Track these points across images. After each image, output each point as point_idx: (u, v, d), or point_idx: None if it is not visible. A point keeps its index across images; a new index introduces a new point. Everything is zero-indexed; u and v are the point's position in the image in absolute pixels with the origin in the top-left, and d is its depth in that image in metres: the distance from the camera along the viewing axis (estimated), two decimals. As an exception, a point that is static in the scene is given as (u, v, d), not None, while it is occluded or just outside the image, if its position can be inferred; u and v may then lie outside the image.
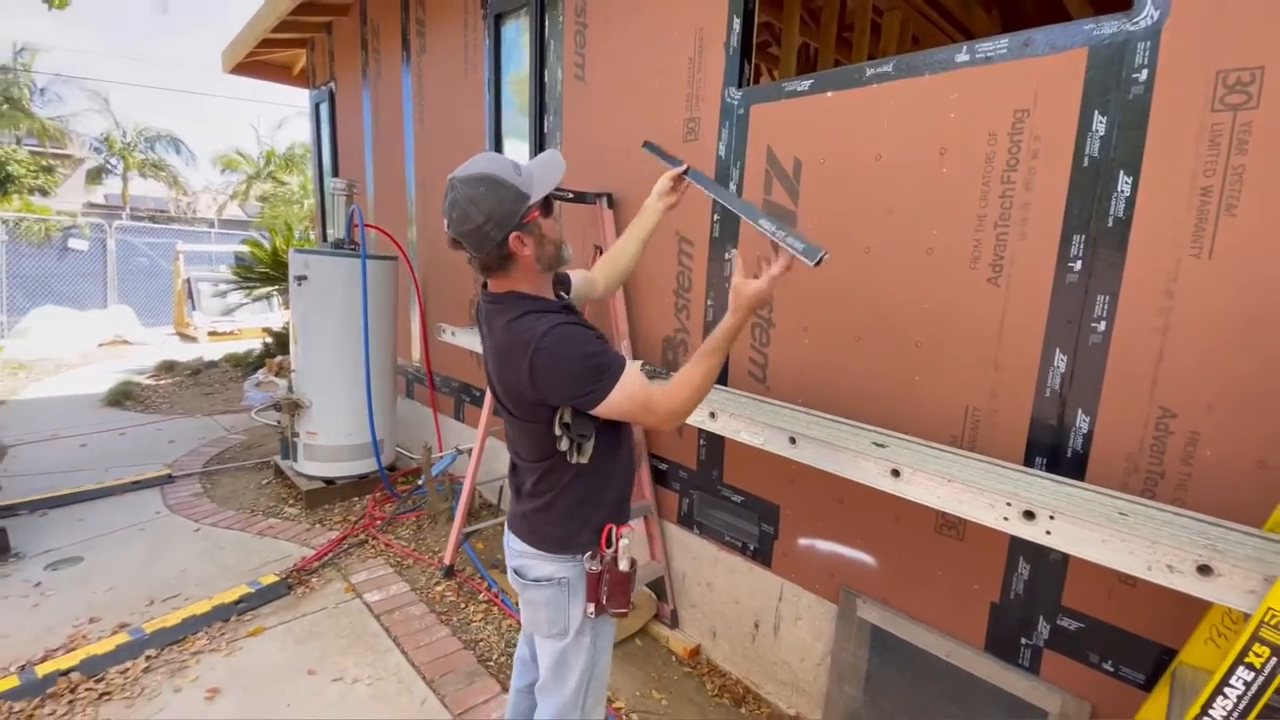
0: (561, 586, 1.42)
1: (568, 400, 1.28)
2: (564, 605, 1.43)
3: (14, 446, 4.82)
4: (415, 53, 4.28)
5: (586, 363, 1.24)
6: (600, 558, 1.40)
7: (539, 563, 1.44)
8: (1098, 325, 1.61)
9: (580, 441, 1.34)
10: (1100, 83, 1.56)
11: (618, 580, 1.40)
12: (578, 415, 1.31)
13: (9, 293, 8.96)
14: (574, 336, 1.27)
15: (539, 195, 1.26)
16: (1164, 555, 1.20)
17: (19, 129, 14.98)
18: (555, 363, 1.24)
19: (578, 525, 1.41)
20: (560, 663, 1.47)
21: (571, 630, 1.44)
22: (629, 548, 1.41)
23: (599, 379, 1.24)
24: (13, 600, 2.80)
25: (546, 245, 1.32)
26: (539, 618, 1.46)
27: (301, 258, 3.87)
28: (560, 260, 1.38)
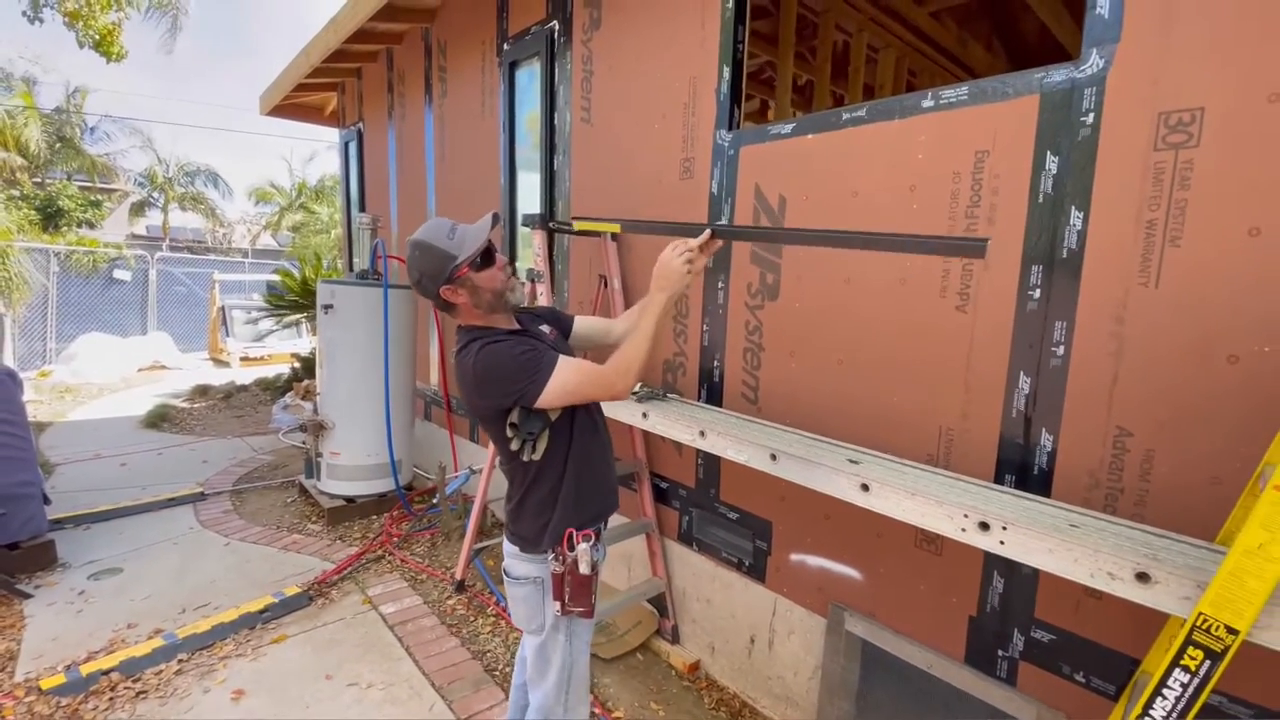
0: (537, 585, 1.58)
1: (511, 397, 1.47)
2: (539, 603, 1.59)
3: (61, 465, 5.14)
4: (437, 96, 4.57)
5: (516, 360, 1.45)
6: (561, 559, 1.54)
7: (518, 562, 1.61)
8: (1057, 349, 1.71)
9: (530, 439, 1.52)
10: (1052, 126, 1.69)
11: (578, 582, 1.54)
12: (526, 414, 1.49)
13: (58, 321, 9.48)
14: (503, 347, 1.48)
15: (465, 255, 1.49)
16: (1105, 563, 1.30)
17: (71, 166, 15.91)
18: (490, 369, 1.46)
19: (541, 525, 1.58)
20: (541, 656, 1.62)
21: (547, 626, 1.59)
22: (589, 552, 1.54)
23: (534, 373, 1.44)
24: (59, 606, 3.01)
25: (482, 294, 1.55)
26: (519, 612, 1.63)
27: (329, 288, 4.12)
28: (504, 304, 1.59)
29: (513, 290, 1.62)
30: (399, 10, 4.15)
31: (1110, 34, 1.58)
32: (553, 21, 3.37)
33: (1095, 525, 1.46)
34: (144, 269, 10.90)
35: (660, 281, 1.55)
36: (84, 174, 16.92)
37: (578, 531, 1.56)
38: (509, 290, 1.61)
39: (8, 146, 12.43)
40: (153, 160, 19.27)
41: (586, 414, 1.68)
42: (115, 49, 4.92)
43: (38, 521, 3.33)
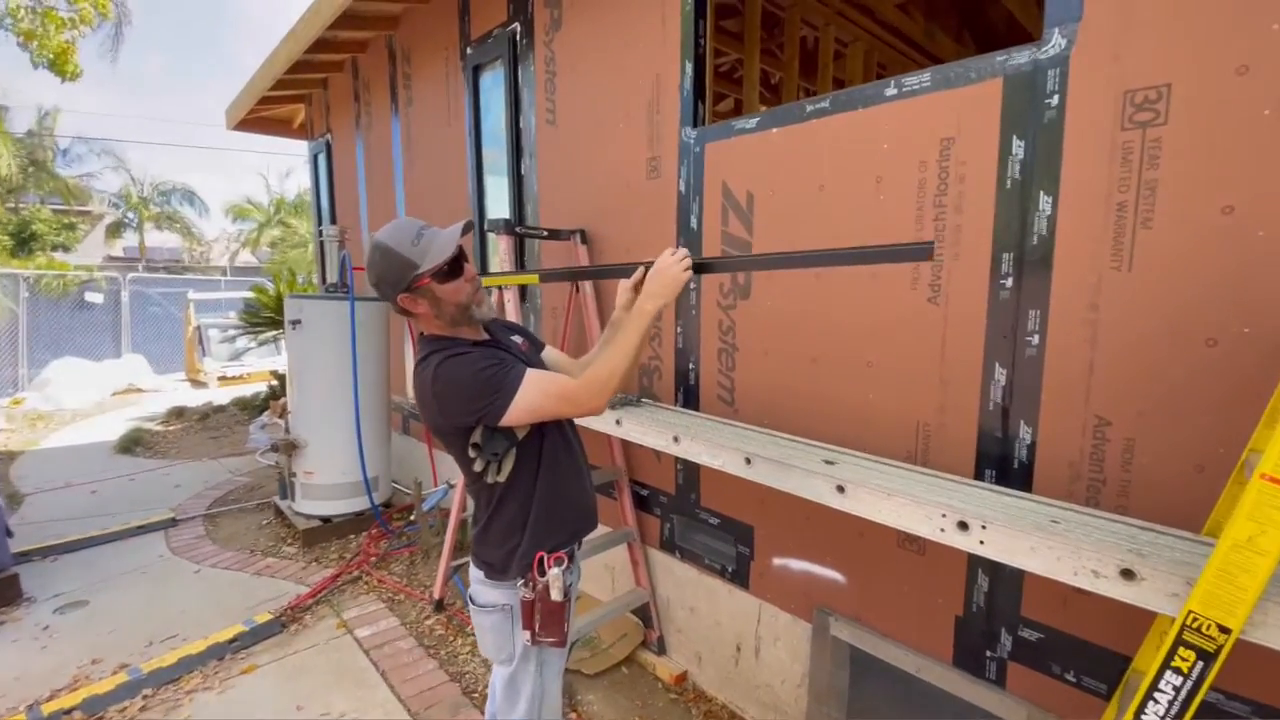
0: (505, 613, 1.48)
1: (473, 416, 1.36)
2: (508, 631, 1.48)
3: (31, 495, 4.98)
4: (403, 104, 4.48)
5: (479, 377, 1.34)
6: (532, 585, 1.44)
7: (484, 589, 1.51)
8: (1031, 339, 1.66)
9: (494, 460, 1.42)
10: (1016, 109, 1.64)
11: (549, 610, 1.43)
12: (489, 433, 1.39)
13: (29, 347, 9.26)
14: (465, 361, 1.38)
15: (428, 266, 1.37)
16: (1088, 560, 1.24)
17: (44, 189, 15.62)
18: (450, 386, 1.36)
19: (509, 550, 1.47)
20: (510, 687, 1.52)
21: (517, 656, 1.49)
22: (560, 577, 1.44)
23: (497, 390, 1.33)
24: (23, 643, 2.88)
25: (445, 306, 1.43)
26: (487, 642, 1.53)
27: (296, 302, 4.02)
28: (469, 319, 1.47)
29: (480, 304, 1.51)
30: (360, 18, 4.07)
31: (1071, 13, 1.54)
32: (514, 24, 3.30)
33: (1078, 520, 1.41)
34: (116, 291, 10.68)
35: (654, 288, 1.44)
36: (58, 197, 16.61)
37: (549, 555, 1.46)
38: (475, 304, 1.49)
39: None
40: (127, 180, 19.00)
41: (558, 430, 1.58)
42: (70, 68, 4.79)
43: (0, 556, 3.20)
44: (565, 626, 1.45)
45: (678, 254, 1.46)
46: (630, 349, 1.42)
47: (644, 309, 1.43)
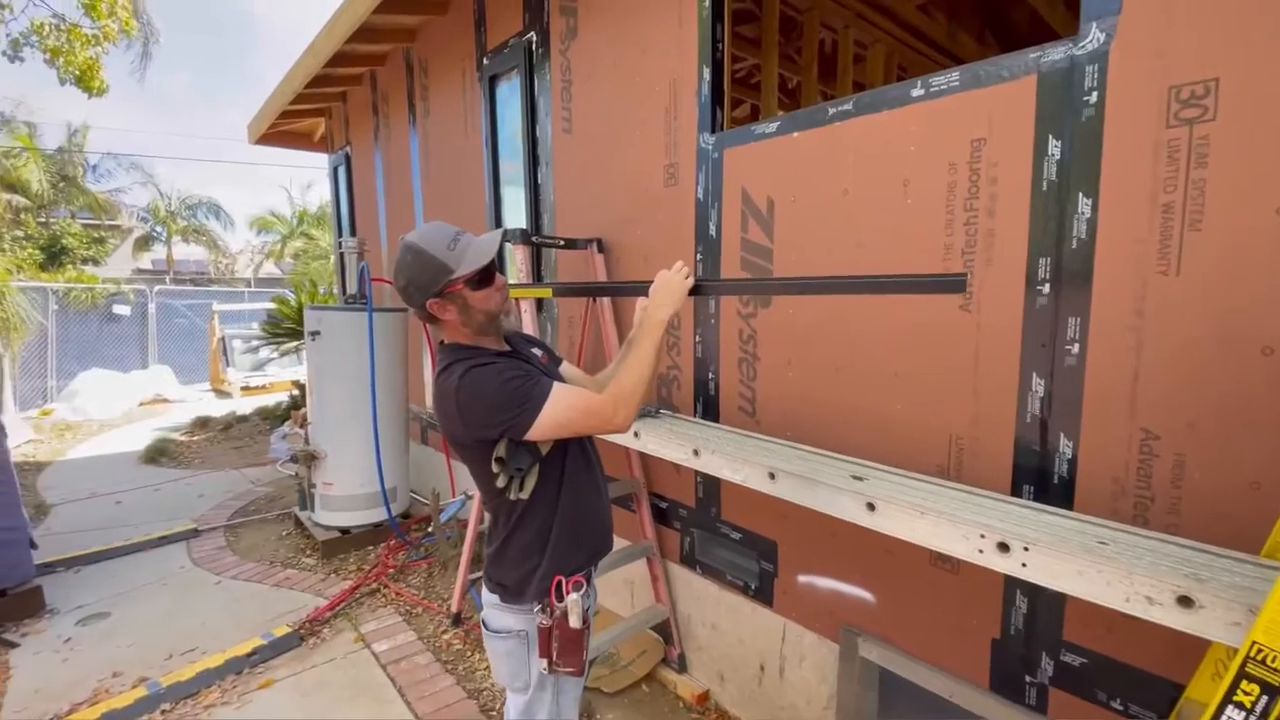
0: (521, 639, 1.42)
1: (497, 429, 1.31)
2: (524, 659, 1.42)
3: (57, 505, 5.06)
4: (420, 116, 4.50)
5: (505, 388, 1.29)
6: (550, 611, 1.39)
7: (499, 613, 1.46)
8: (1071, 348, 1.58)
9: (518, 476, 1.37)
10: (1052, 108, 1.57)
11: (569, 638, 1.37)
12: (514, 448, 1.34)
13: (59, 358, 9.48)
14: (490, 371, 1.33)
15: (463, 271, 1.33)
16: (1141, 586, 1.16)
17: (75, 204, 16.06)
18: (475, 397, 1.31)
19: (527, 572, 1.42)
20: (526, 714, 1.46)
21: (533, 685, 1.43)
22: (579, 603, 1.38)
23: (523, 403, 1.29)
24: (45, 655, 2.90)
25: (474, 314, 1.40)
26: (501, 670, 1.47)
27: (315, 314, 4.04)
28: (495, 328, 1.45)
29: (507, 314, 1.48)
30: (377, 31, 4.09)
31: (1110, 6, 1.47)
32: (530, 33, 3.29)
33: (1128, 541, 1.32)
34: (143, 303, 10.91)
35: (661, 298, 1.45)
36: (88, 212, 17.06)
37: (567, 580, 1.40)
38: (504, 313, 1.46)
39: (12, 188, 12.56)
40: (155, 195, 19.46)
41: (579, 446, 1.53)
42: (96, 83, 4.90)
43: (24, 568, 3.23)
44: (584, 654, 1.39)
45: (675, 266, 1.49)
46: (649, 360, 1.39)
47: (656, 318, 1.42)
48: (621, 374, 1.38)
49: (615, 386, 1.36)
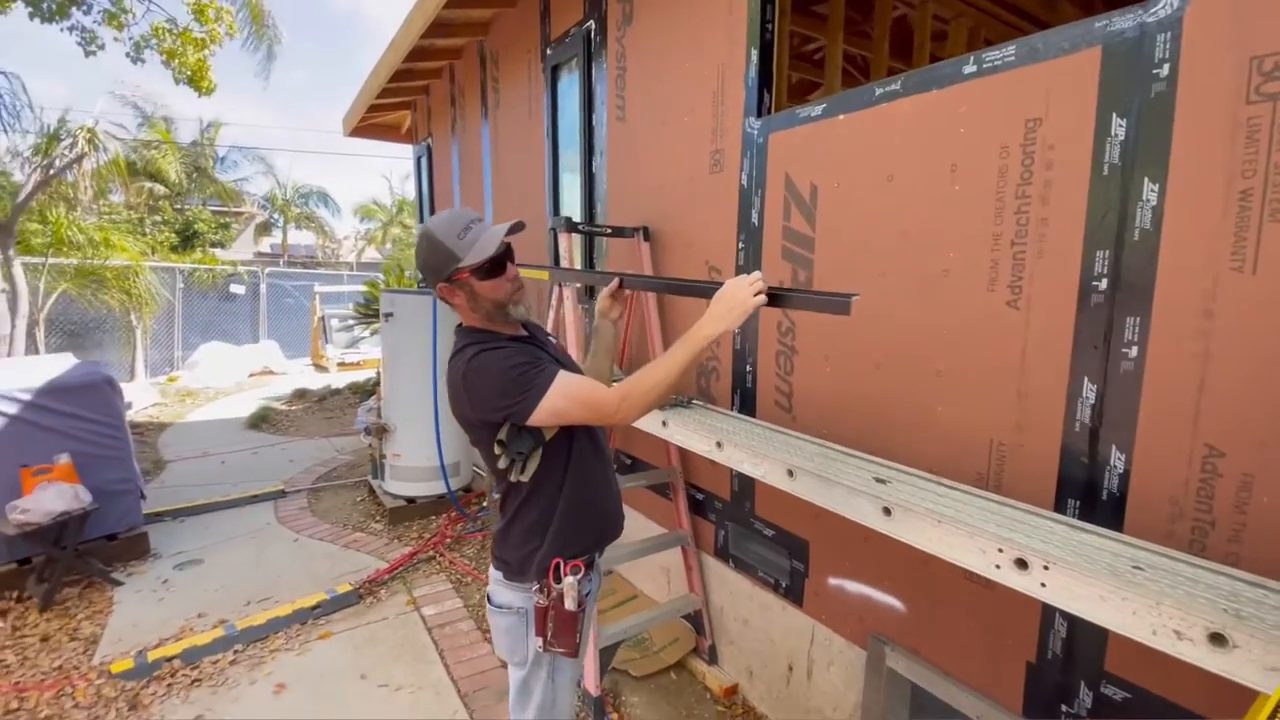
0: (520, 616, 1.46)
1: (500, 412, 1.34)
2: (523, 635, 1.46)
3: (173, 462, 5.70)
4: (491, 107, 4.65)
5: (509, 374, 1.31)
6: (547, 592, 1.41)
7: (501, 589, 1.50)
8: (1129, 350, 1.43)
9: (519, 459, 1.39)
10: (1117, 82, 1.41)
11: (563, 619, 1.39)
12: (516, 432, 1.36)
13: (184, 331, 10.62)
14: (497, 356, 1.35)
15: (469, 261, 1.36)
16: (1169, 619, 1.04)
17: (205, 193, 17.82)
18: (480, 380, 1.34)
19: (529, 552, 1.44)
20: (522, 690, 1.51)
21: (530, 661, 1.47)
22: (575, 586, 1.40)
23: (525, 389, 1.30)
24: (145, 594, 3.29)
25: (481, 301, 1.42)
26: (501, 644, 1.52)
27: (390, 296, 4.30)
28: (504, 316, 1.46)
29: (517, 304, 1.49)
30: (451, 25, 4.26)
31: (1188, -36, 1.29)
32: (589, 21, 3.31)
33: (1168, 567, 1.19)
34: (256, 283, 11.99)
35: (718, 310, 1.31)
36: (217, 199, 18.89)
37: (566, 562, 1.43)
38: (513, 304, 1.47)
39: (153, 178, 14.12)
40: (273, 184, 21.25)
41: (588, 434, 1.53)
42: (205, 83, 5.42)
43: (133, 516, 3.68)
44: (576, 637, 1.41)
45: (751, 277, 1.32)
46: (676, 371, 1.32)
47: (702, 333, 1.30)
48: (644, 373, 1.35)
49: (632, 383, 1.34)
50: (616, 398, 1.34)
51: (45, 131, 6.50)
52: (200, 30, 5.18)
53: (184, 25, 5.21)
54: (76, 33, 5.07)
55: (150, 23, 5.15)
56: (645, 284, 1.78)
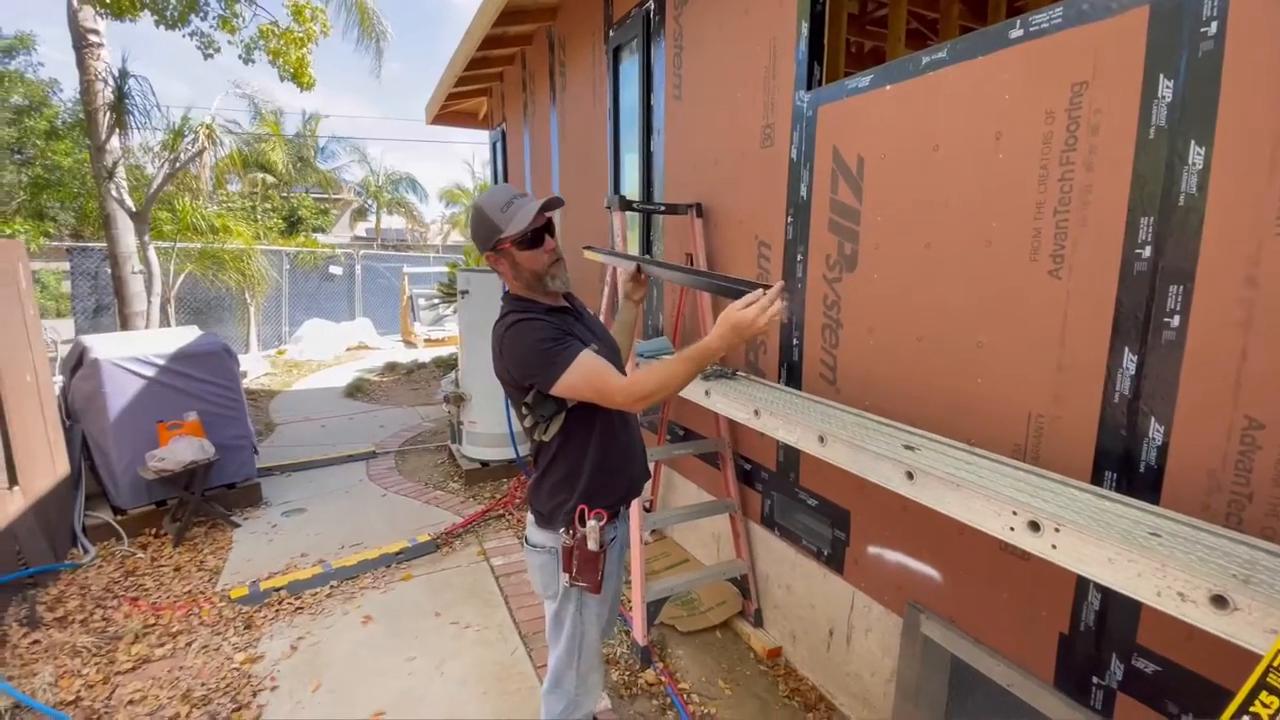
0: (551, 554, 1.63)
1: (527, 379, 1.50)
2: (554, 572, 1.63)
3: (281, 425, 6.35)
4: (559, 90, 4.81)
5: (537, 347, 1.46)
6: (573, 534, 1.57)
7: (535, 531, 1.68)
8: (1170, 320, 1.39)
9: (543, 421, 1.55)
10: (1164, 42, 1.36)
11: (585, 558, 1.55)
12: (540, 397, 1.51)
13: (290, 309, 11.66)
14: (531, 327, 1.50)
15: (509, 232, 1.51)
16: (1174, 580, 1.06)
17: (308, 181, 19.27)
18: (514, 348, 1.50)
19: (558, 504, 1.61)
20: (555, 621, 1.69)
21: (560, 595, 1.64)
22: (597, 530, 1.54)
23: (550, 363, 1.44)
24: (258, 535, 3.77)
25: (521, 270, 1.57)
26: (536, 580, 1.70)
27: (465, 275, 4.60)
28: (543, 288, 1.59)
29: (554, 277, 1.61)
30: (521, 12, 4.43)
31: (1244, -88, 1.23)
32: (649, 1, 3.38)
33: (1189, 536, 1.18)
34: (351, 265, 12.93)
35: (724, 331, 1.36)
36: (318, 187, 20.39)
37: (589, 510, 1.58)
38: (550, 276, 1.60)
39: (263, 168, 15.44)
40: (367, 172, 22.65)
41: None
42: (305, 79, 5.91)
43: (248, 468, 4.19)
44: (598, 575, 1.56)
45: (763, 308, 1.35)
46: (682, 378, 1.43)
47: (710, 349, 1.39)
48: (653, 372, 1.43)
49: (640, 378, 1.43)
50: (622, 389, 1.44)
51: (170, 128, 7.31)
52: (299, 29, 5.66)
53: (285, 26, 5.71)
54: (195, 37, 5.69)
55: (258, 25, 5.69)
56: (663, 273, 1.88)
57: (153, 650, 2.62)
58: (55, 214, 11.35)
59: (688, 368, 1.42)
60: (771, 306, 1.35)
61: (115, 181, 6.48)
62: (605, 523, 1.56)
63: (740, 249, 2.80)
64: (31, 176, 10.52)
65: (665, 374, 1.43)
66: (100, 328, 8.80)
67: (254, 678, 2.47)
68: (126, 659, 2.55)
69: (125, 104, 6.30)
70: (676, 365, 1.43)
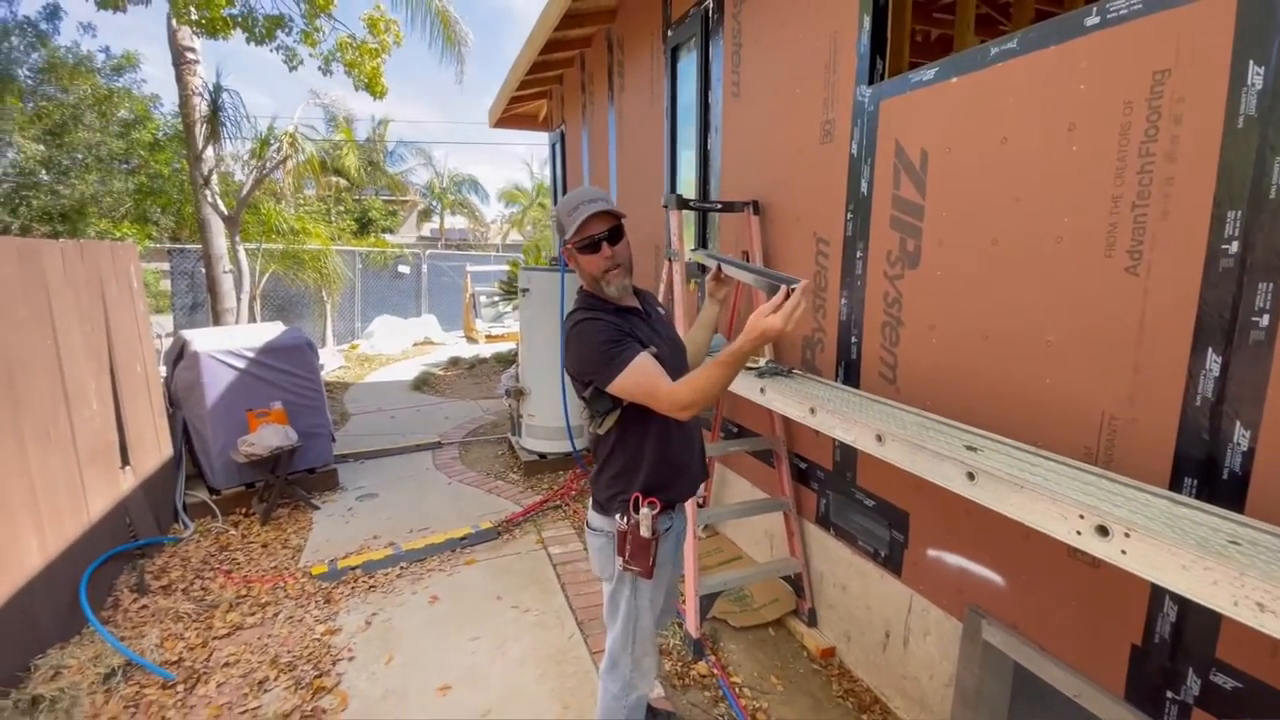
0: (608, 538, 1.72)
1: (586, 376, 1.59)
2: (610, 555, 1.71)
3: (355, 415, 6.71)
4: (617, 91, 4.89)
5: (597, 349, 1.54)
6: (627, 520, 1.64)
7: (595, 516, 1.77)
8: (1259, 320, 1.32)
9: (599, 416, 1.63)
10: (1255, 26, 1.29)
11: (638, 544, 1.62)
12: (597, 393, 1.60)
13: (362, 305, 12.28)
14: (594, 328, 1.57)
15: (569, 235, 1.61)
16: (1253, 590, 1.02)
17: (377, 184, 20.18)
18: (577, 346, 1.59)
19: (614, 493, 1.69)
20: (611, 602, 1.77)
21: (615, 577, 1.72)
22: (649, 517, 1.61)
23: (607, 364, 1.52)
24: (335, 518, 4.03)
25: (582, 270, 1.67)
26: (595, 561, 1.79)
27: (526, 274, 4.75)
28: (599, 289, 1.66)
29: (609, 283, 1.65)
30: (581, 16, 4.53)
31: (1351, -117, 1.15)
32: (708, 1, 3.40)
33: (1270, 545, 1.13)
34: (419, 264, 13.49)
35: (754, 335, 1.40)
36: (387, 190, 21.33)
37: (644, 499, 1.64)
38: (605, 282, 1.65)
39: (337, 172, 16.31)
40: (431, 175, 23.50)
41: None
42: (379, 88, 6.23)
43: (326, 454, 4.47)
44: (650, 560, 1.62)
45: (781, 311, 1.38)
46: (720, 382, 1.47)
47: (743, 350, 1.42)
48: (695, 379, 1.48)
49: (689, 389, 1.47)
50: (668, 397, 1.49)
51: (258, 137, 7.85)
52: (373, 41, 5.98)
53: (360, 38, 6.04)
54: (280, 51, 6.09)
55: (336, 38, 6.04)
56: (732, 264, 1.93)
57: (245, 618, 2.86)
58: (157, 218, 12.36)
59: (724, 372, 1.46)
60: (796, 311, 1.37)
61: (210, 188, 7.01)
62: (659, 512, 1.62)
63: (798, 246, 2.79)
64: (136, 184, 11.50)
65: (702, 382, 1.47)
66: (195, 323, 9.56)
67: (333, 648, 2.65)
68: (222, 625, 2.80)
69: (219, 116, 6.82)
70: (712, 370, 1.47)
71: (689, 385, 1.48)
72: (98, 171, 11.21)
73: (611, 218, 1.63)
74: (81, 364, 3.02)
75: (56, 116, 10.55)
